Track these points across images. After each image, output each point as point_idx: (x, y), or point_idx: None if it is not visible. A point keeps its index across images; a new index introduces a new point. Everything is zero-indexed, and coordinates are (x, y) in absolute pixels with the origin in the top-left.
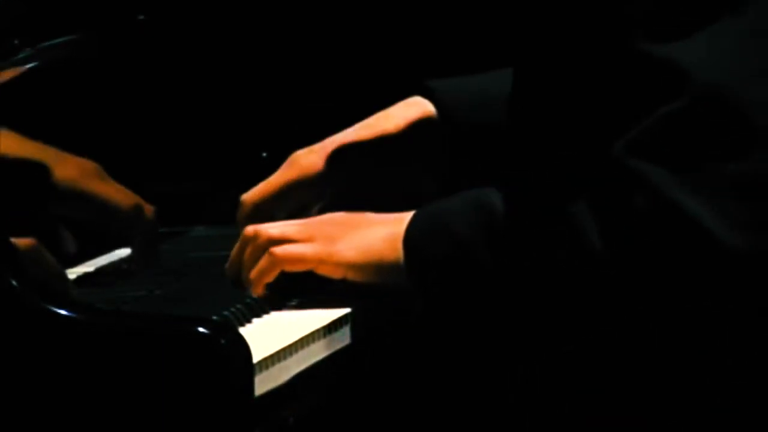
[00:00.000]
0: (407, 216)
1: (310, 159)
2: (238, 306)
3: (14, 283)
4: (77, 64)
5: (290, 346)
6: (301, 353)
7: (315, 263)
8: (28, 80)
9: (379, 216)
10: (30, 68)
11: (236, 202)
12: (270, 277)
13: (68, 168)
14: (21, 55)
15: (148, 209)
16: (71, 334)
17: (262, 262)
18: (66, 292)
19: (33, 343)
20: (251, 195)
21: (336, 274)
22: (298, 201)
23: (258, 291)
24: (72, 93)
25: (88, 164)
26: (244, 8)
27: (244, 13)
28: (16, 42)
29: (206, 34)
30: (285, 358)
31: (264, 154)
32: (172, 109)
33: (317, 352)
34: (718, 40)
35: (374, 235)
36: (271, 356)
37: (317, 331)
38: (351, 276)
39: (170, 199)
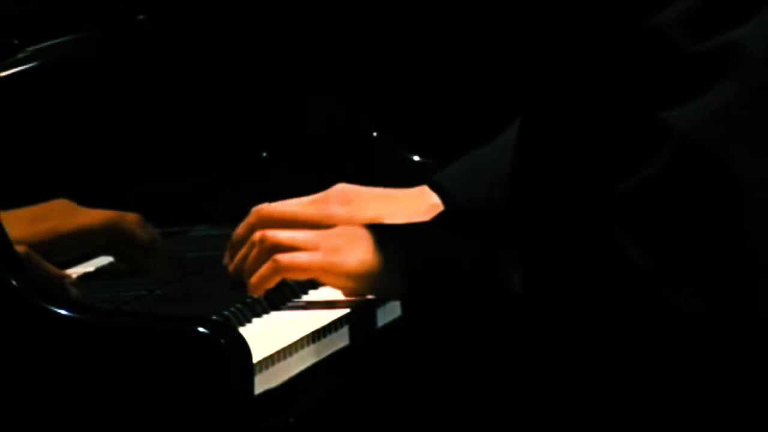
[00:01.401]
0: (409, 230)
1: (342, 212)
2: (238, 306)
3: (14, 283)
4: (77, 64)
5: (290, 346)
6: (301, 353)
7: (318, 273)
8: (28, 80)
9: (383, 229)
10: (30, 68)
11: (236, 202)
12: (271, 284)
13: (41, 221)
14: (21, 55)
15: (128, 223)
16: (71, 334)
17: (264, 269)
18: (65, 293)
19: (33, 343)
20: (271, 212)
21: (338, 284)
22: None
23: (257, 294)
24: (72, 93)
25: (56, 205)
26: (244, 8)
27: (244, 13)
28: (16, 42)
29: (206, 33)
30: (285, 358)
31: (264, 154)
32: (173, 109)
33: (317, 353)
34: (710, 101)
35: (377, 248)
36: (271, 356)
37: (317, 331)
38: (352, 286)
39: (170, 198)
